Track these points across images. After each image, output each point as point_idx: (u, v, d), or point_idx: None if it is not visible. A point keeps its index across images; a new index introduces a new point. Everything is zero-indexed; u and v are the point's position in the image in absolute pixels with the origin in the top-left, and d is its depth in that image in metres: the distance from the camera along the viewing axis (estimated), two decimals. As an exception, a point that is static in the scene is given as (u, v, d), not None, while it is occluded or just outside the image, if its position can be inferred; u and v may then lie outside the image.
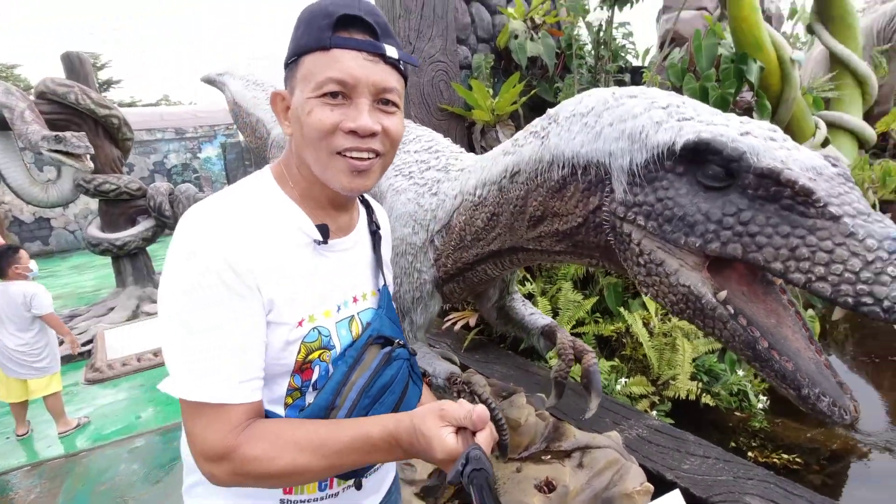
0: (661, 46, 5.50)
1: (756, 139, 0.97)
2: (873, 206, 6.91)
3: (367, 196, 1.11)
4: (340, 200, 0.95)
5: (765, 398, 3.69)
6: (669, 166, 1.05)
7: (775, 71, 4.40)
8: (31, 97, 7.34)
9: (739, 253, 0.95)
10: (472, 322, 3.83)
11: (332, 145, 0.84)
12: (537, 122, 1.48)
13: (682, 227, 1.02)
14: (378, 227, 1.08)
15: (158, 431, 4.10)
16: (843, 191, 0.92)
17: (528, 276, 4.16)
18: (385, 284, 1.06)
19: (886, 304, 0.80)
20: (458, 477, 0.72)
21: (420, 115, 4.42)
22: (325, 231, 0.91)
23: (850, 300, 0.83)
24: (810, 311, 4.39)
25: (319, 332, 0.90)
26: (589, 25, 4.26)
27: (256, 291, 0.82)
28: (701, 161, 1.01)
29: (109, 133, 8.15)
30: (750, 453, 3.30)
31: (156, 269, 7.85)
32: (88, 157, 6.47)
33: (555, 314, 3.88)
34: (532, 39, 4.46)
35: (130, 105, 22.32)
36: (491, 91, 4.36)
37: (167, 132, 17.74)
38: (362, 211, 1.07)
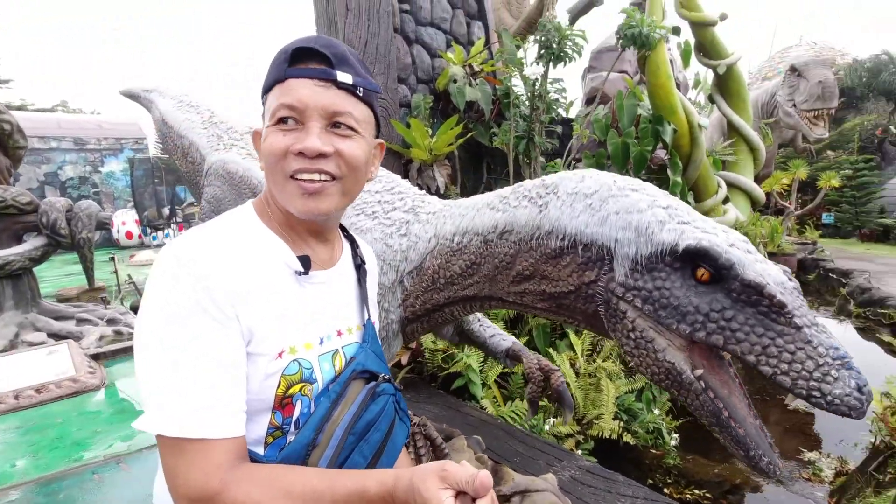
0: (587, 103, 5.93)
1: (740, 252, 1.17)
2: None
3: (351, 232, 1.11)
4: (317, 230, 0.95)
5: (676, 435, 3.92)
6: (669, 262, 1.21)
7: (686, 133, 4.87)
8: None
9: (721, 343, 1.14)
10: (405, 360, 3.78)
11: (284, 168, 0.84)
12: (531, 188, 1.56)
13: (675, 315, 1.19)
14: (363, 262, 1.08)
15: (38, 482, 3.59)
16: (800, 303, 1.15)
17: (460, 314, 4.19)
18: (370, 319, 1.05)
19: (829, 398, 1.03)
20: None
21: (358, 148, 4.39)
22: (306, 262, 0.90)
23: (804, 392, 1.05)
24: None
25: (300, 365, 0.88)
26: (525, 78, 4.50)
27: (236, 320, 0.80)
28: (696, 261, 1.18)
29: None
30: (666, 490, 3.47)
31: (43, 294, 7.05)
32: None
33: (486, 356, 3.92)
34: (470, 85, 4.63)
35: (20, 108, 20.25)
36: (429, 131, 4.45)
37: (64, 141, 16.31)
38: (346, 246, 1.07)
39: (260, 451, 0.86)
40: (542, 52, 4.15)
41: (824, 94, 7.94)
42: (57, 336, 5.93)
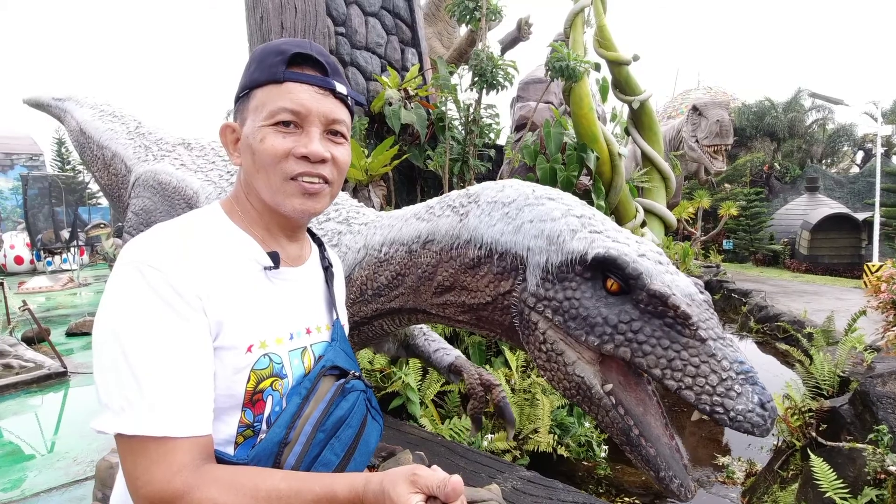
0: (516, 130, 6.20)
1: (649, 262, 1.16)
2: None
3: (319, 235, 1.12)
4: (291, 228, 0.96)
5: (606, 447, 4.08)
6: (579, 271, 1.19)
7: (607, 161, 5.22)
8: None
9: (628, 356, 1.11)
10: (341, 381, 3.69)
11: (285, 171, 0.86)
12: (455, 197, 1.56)
13: (585, 326, 1.16)
14: (330, 264, 1.08)
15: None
16: (708, 316, 1.14)
17: (397, 334, 4.17)
18: (338, 319, 1.04)
19: (732, 414, 1.00)
20: None
21: (292, 166, 4.32)
22: (275, 257, 0.89)
23: (707, 407, 1.02)
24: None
25: (270, 359, 0.86)
26: (459, 103, 4.66)
27: (202, 314, 0.78)
28: (605, 271, 1.17)
29: None
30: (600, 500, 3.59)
31: None
32: None
33: (424, 374, 3.91)
34: (405, 108, 4.72)
35: None
36: (365, 152, 4.46)
37: (20, 157, 14.70)
38: (314, 247, 1.07)
39: (230, 451, 0.83)
40: (476, 79, 4.33)
41: (721, 131, 8.80)
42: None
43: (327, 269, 1.06)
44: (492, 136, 5.08)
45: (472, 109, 4.48)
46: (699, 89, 22.77)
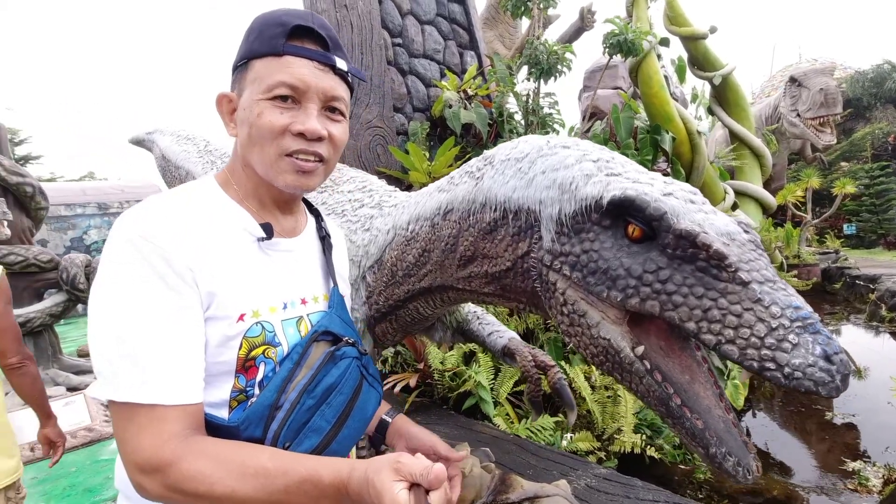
0: (584, 120, 5.97)
1: (677, 200, 1.01)
2: (780, 266, 7.53)
3: (316, 206, 1.10)
4: (285, 200, 0.95)
5: (706, 449, 3.70)
6: (596, 219, 1.07)
7: (685, 141, 4.85)
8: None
9: (657, 310, 0.97)
10: (413, 383, 3.68)
11: (280, 147, 0.85)
12: (473, 163, 1.50)
13: (605, 281, 1.03)
14: (327, 234, 1.08)
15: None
16: (752, 257, 0.97)
17: (469, 334, 4.10)
18: (335, 287, 1.03)
19: (787, 370, 0.83)
20: None
21: (358, 177, 4.45)
22: (268, 228, 0.90)
23: (755, 364, 0.86)
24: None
25: (263, 327, 0.86)
26: (517, 95, 4.56)
27: (193, 286, 0.79)
28: (625, 217, 1.04)
29: (21, 202, 7.65)
30: (697, 505, 3.25)
31: (65, 350, 7.13)
32: (5, 223, 6.02)
33: (496, 372, 3.80)
34: (465, 108, 4.71)
35: (50, 181, 21.30)
36: (427, 154, 4.49)
37: (88, 207, 16.88)
38: (311, 218, 1.07)
39: (224, 414, 0.84)
40: (532, 69, 4.22)
41: (827, 100, 7.90)
42: (76, 390, 5.96)
43: (324, 238, 1.06)
44: (556, 126, 4.92)
45: (530, 100, 4.36)
46: (801, 63, 20.72)
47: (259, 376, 0.85)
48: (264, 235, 0.89)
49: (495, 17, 7.46)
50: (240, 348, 0.83)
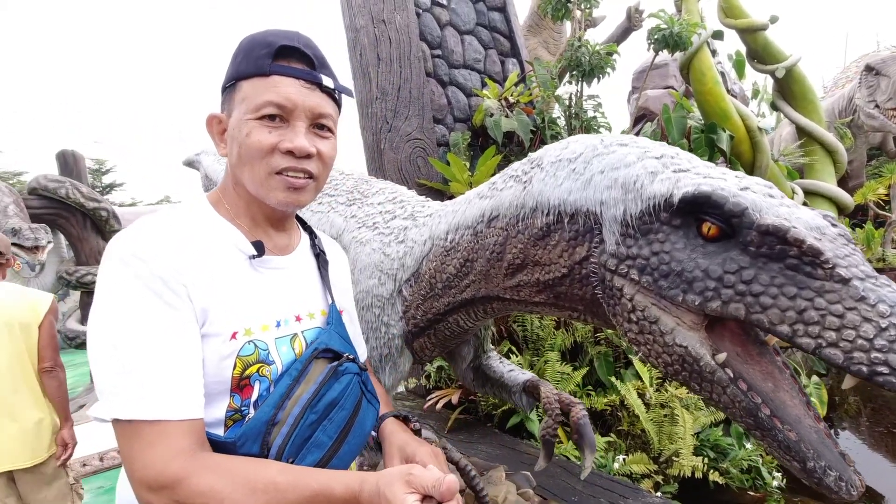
0: (635, 122, 5.72)
1: (756, 195, 0.95)
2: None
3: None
4: (277, 218, 0.96)
5: (780, 475, 3.36)
6: (665, 218, 1.02)
7: (745, 139, 4.52)
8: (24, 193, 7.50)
9: (742, 313, 0.91)
10: (456, 399, 3.57)
11: (270, 165, 0.86)
12: (517, 166, 1.43)
13: (680, 284, 0.97)
14: (322, 252, 1.07)
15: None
16: (847, 252, 0.90)
17: (515, 348, 3.95)
18: (333, 303, 1.02)
19: None
20: None
21: (399, 190, 4.43)
22: (259, 246, 0.90)
23: (864, 369, 0.79)
24: (815, 378, 4.15)
25: (256, 346, 0.86)
26: (559, 98, 4.41)
27: (188, 301, 0.79)
28: (699, 215, 0.97)
29: (97, 226, 8.21)
30: (771, 538, 2.93)
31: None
32: (44, 249, 6.47)
33: (544, 388, 3.63)
34: (507, 116, 4.60)
35: (131, 205, 22.93)
36: (468, 165, 4.41)
37: None
38: (304, 236, 1.08)
39: (220, 432, 0.84)
40: (574, 71, 4.06)
41: (909, 88, 7.22)
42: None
43: (318, 255, 1.06)
44: (601, 130, 4.71)
45: (572, 103, 4.20)
46: (879, 52, 19.19)
47: (254, 395, 0.85)
48: (255, 253, 0.89)
49: (539, 24, 7.33)
50: (234, 367, 0.83)
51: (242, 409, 0.84)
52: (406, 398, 4.28)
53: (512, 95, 4.77)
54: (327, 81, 0.89)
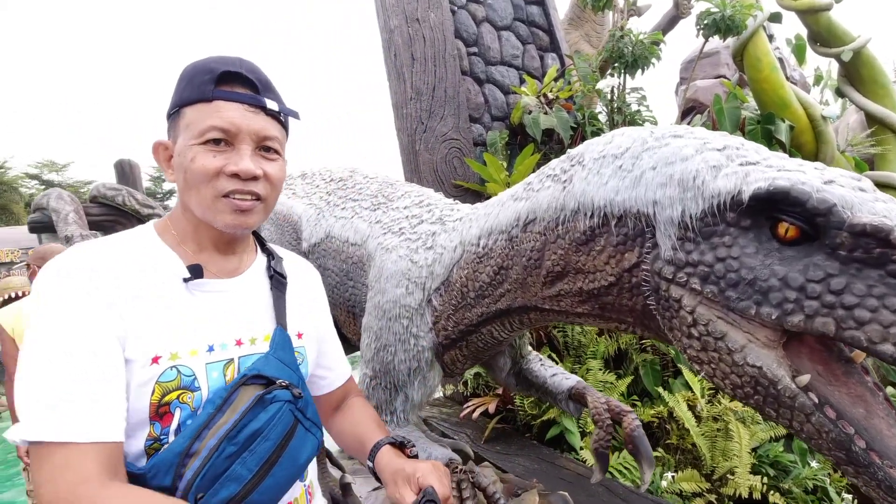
0: (683, 115, 5.41)
1: (844, 189, 0.82)
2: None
3: (274, 247, 1.11)
4: (225, 241, 0.95)
5: (850, 496, 3.06)
6: (733, 219, 0.91)
7: (806, 129, 4.17)
8: (84, 200, 7.90)
9: (832, 329, 0.79)
10: (493, 408, 3.45)
11: (216, 188, 0.86)
12: (556, 164, 1.32)
13: (753, 294, 0.86)
14: (278, 273, 1.04)
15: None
16: None
17: (555, 356, 3.79)
18: (279, 327, 0.98)
19: None
20: None
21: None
22: (195, 270, 0.89)
23: None
24: (890, 389, 3.77)
25: (179, 371, 0.83)
26: (600, 92, 4.20)
27: (117, 320, 0.79)
28: (774, 214, 0.87)
29: (152, 231, 8.57)
30: (840, 569, 2.66)
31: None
32: None
33: (585, 397, 3.45)
34: (545, 114, 4.43)
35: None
36: (505, 164, 4.28)
37: None
38: (262, 257, 1.06)
39: (142, 463, 0.82)
40: (616, 63, 3.85)
41: None
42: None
43: (272, 277, 1.03)
44: (645, 125, 4.47)
45: (614, 95, 3.98)
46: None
47: (174, 424, 0.82)
48: (189, 276, 0.88)
49: (580, 17, 7.07)
50: (152, 394, 0.80)
51: (162, 437, 0.82)
52: (443, 404, 4.19)
53: (551, 91, 4.59)
54: (271, 104, 0.90)
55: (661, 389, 3.31)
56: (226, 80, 0.87)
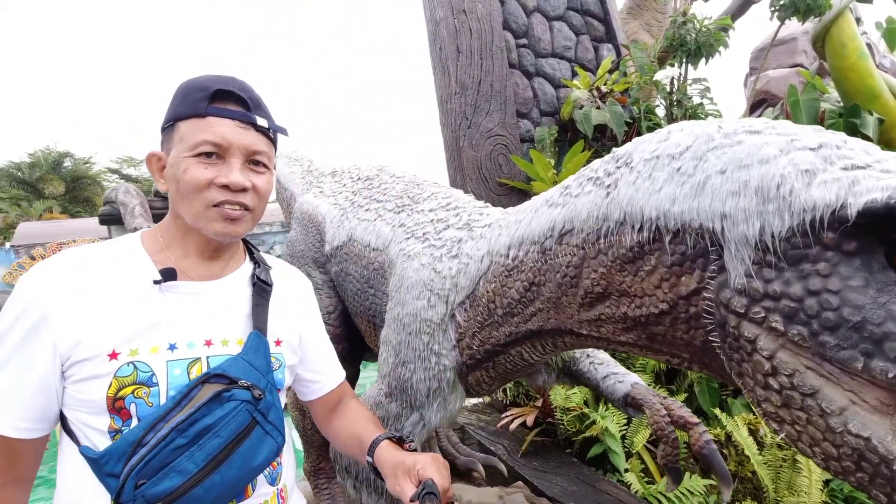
0: (752, 109, 4.97)
1: None
2: None
3: (265, 256, 1.15)
4: (212, 248, 1.00)
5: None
6: (832, 241, 0.71)
7: (899, 123, 3.69)
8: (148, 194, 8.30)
9: None
10: (531, 421, 3.26)
11: (207, 199, 0.92)
12: (598, 165, 1.13)
13: (860, 342, 0.68)
14: (262, 281, 1.07)
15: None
16: None
17: (601, 366, 3.54)
18: (254, 331, 1.00)
19: None
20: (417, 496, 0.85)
21: (478, 190, 4.17)
22: (167, 273, 0.93)
23: None
24: None
25: (136, 367, 0.88)
26: (658, 84, 3.88)
27: (49, 335, 0.84)
28: (893, 236, 0.70)
29: (208, 223, 8.90)
30: None
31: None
32: None
33: (630, 417, 3.20)
34: (598, 108, 4.16)
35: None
36: (553, 162, 4.05)
37: (274, 226, 19.14)
38: (248, 266, 1.09)
39: (106, 444, 0.88)
40: (677, 51, 3.54)
41: None
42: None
43: (256, 284, 1.06)
44: (709, 118, 4.10)
45: (674, 87, 3.66)
46: None
47: (134, 418, 0.86)
48: (159, 278, 0.92)
49: (640, 5, 6.66)
50: (109, 387, 0.85)
51: (122, 429, 0.86)
52: (482, 411, 4.03)
53: (605, 84, 4.32)
54: (261, 121, 0.96)
55: (718, 410, 3.01)
56: (219, 98, 0.93)
